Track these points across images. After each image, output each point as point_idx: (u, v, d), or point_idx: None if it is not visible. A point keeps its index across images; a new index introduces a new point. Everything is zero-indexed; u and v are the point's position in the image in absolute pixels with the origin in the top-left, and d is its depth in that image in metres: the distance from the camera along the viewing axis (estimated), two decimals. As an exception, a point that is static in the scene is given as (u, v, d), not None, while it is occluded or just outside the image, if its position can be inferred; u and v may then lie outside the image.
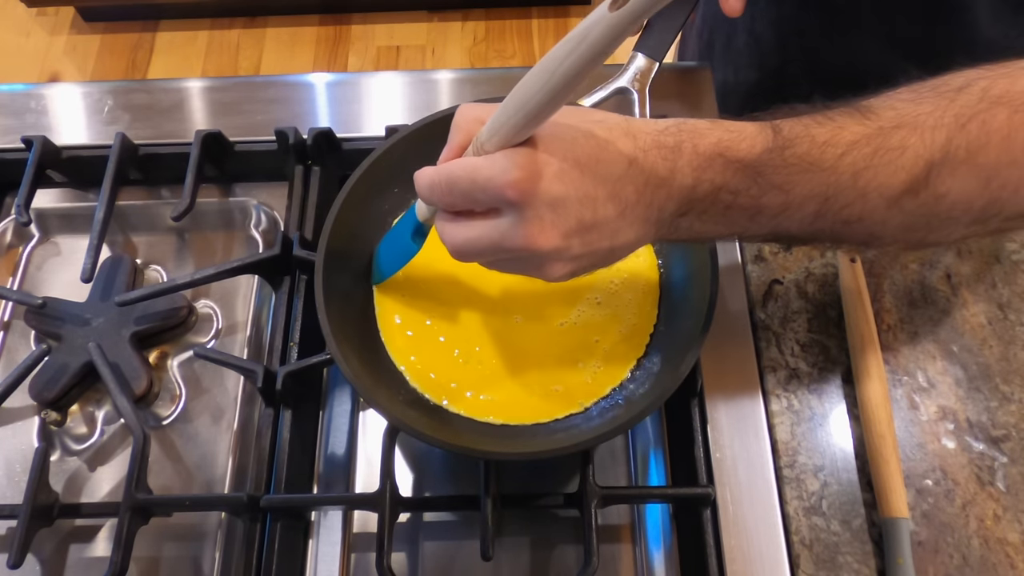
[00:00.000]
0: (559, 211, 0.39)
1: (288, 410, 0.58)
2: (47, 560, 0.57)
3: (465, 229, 0.42)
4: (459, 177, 0.40)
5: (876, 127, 0.41)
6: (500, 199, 0.39)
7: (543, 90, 0.36)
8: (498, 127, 0.39)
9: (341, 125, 0.69)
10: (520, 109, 0.37)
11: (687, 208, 0.42)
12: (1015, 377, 0.59)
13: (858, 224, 0.43)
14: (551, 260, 0.41)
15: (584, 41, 0.33)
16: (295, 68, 2.04)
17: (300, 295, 0.62)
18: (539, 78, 0.36)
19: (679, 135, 0.41)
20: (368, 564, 0.56)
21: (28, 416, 0.62)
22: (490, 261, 0.44)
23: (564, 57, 0.34)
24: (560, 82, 0.35)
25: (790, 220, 0.42)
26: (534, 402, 0.54)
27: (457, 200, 0.41)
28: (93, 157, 0.68)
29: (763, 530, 0.53)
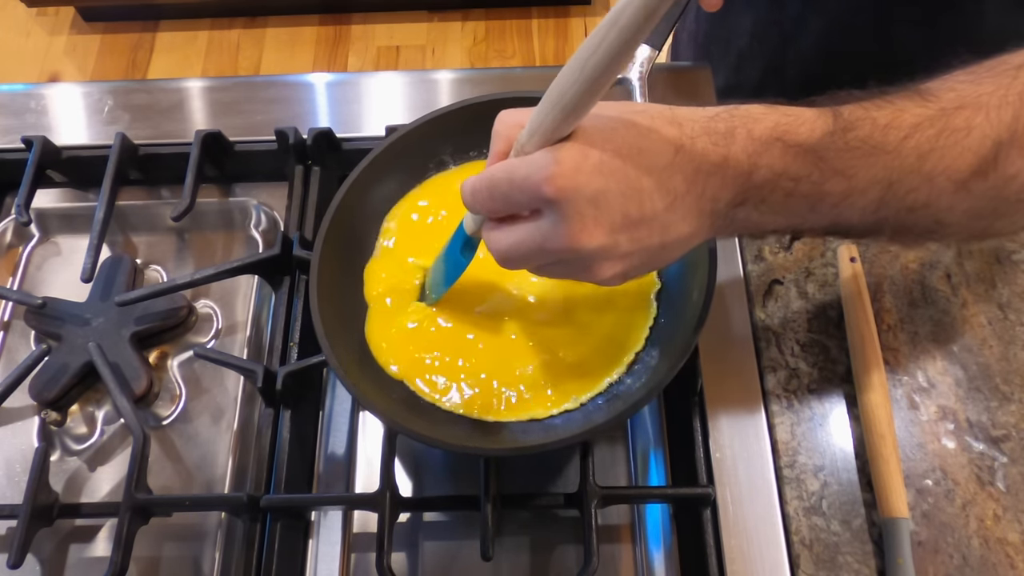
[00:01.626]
0: (601, 206, 0.37)
1: (288, 410, 0.58)
2: (47, 560, 0.57)
3: (508, 234, 0.40)
4: (498, 180, 0.39)
5: (938, 108, 0.39)
6: (539, 197, 0.37)
7: (577, 82, 0.34)
8: (536, 126, 0.37)
9: (341, 125, 0.69)
10: (555, 105, 0.36)
11: (744, 197, 0.39)
12: (1015, 377, 0.59)
13: (923, 211, 0.41)
14: (598, 260, 0.39)
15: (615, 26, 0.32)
16: (295, 68, 2.04)
17: (300, 295, 0.62)
18: (572, 71, 0.34)
19: (731, 120, 0.39)
20: (368, 564, 0.56)
21: (28, 416, 0.62)
22: (538, 266, 0.42)
23: (596, 46, 0.33)
24: (594, 72, 0.33)
25: (852, 208, 0.40)
26: (530, 398, 0.54)
27: (498, 204, 0.40)
28: (93, 157, 0.68)
29: (763, 530, 0.53)
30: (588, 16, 2.12)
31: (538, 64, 2.05)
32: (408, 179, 0.61)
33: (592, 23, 2.10)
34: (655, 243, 0.39)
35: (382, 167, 0.59)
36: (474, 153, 0.62)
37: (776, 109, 0.40)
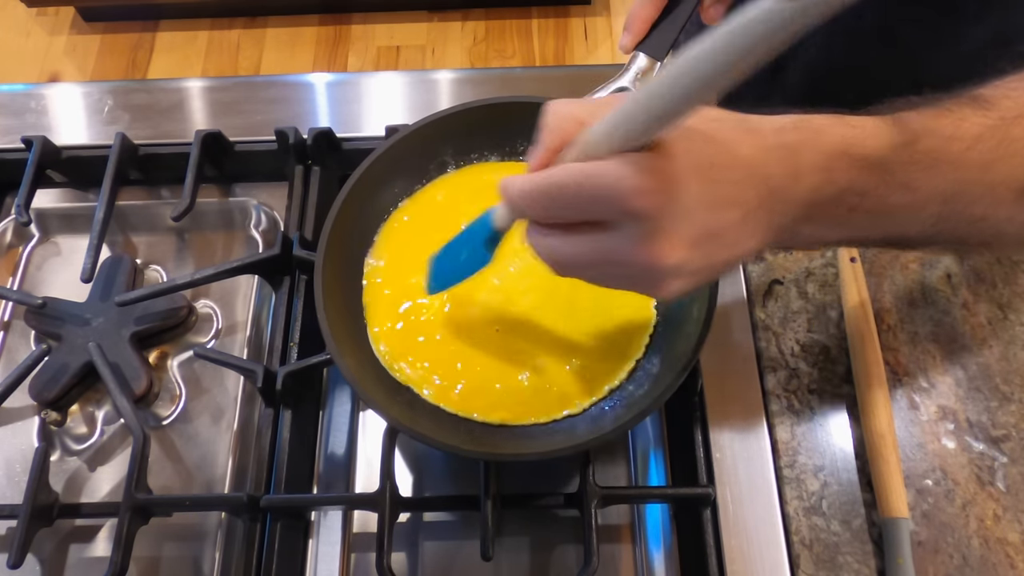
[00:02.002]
0: (686, 221, 0.35)
1: (288, 410, 0.58)
2: (47, 560, 0.57)
3: (570, 243, 0.37)
4: (566, 185, 0.36)
5: (997, 117, 0.39)
6: (622, 210, 0.35)
7: (681, 91, 0.31)
8: (613, 129, 0.34)
9: (341, 125, 0.69)
10: (648, 111, 0.33)
11: (810, 213, 0.38)
12: (1015, 377, 0.59)
13: (983, 223, 0.40)
14: (670, 276, 0.37)
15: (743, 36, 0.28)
16: (295, 68, 2.04)
17: (300, 295, 0.62)
18: (679, 77, 0.31)
19: (799, 133, 0.38)
20: (368, 564, 0.56)
21: (28, 416, 0.62)
22: (596, 276, 0.40)
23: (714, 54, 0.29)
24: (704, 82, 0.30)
25: (912, 221, 0.40)
26: (532, 403, 0.54)
27: (563, 211, 0.37)
28: (93, 157, 0.68)
29: (763, 530, 0.53)
30: (588, 16, 2.12)
31: (538, 64, 2.05)
32: (409, 180, 0.61)
33: (592, 23, 2.11)
34: (723, 258, 0.38)
35: (384, 168, 0.59)
36: (475, 155, 0.62)
37: (841, 120, 0.39)
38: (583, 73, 0.72)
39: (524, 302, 0.57)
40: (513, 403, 0.55)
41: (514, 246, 0.59)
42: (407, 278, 0.59)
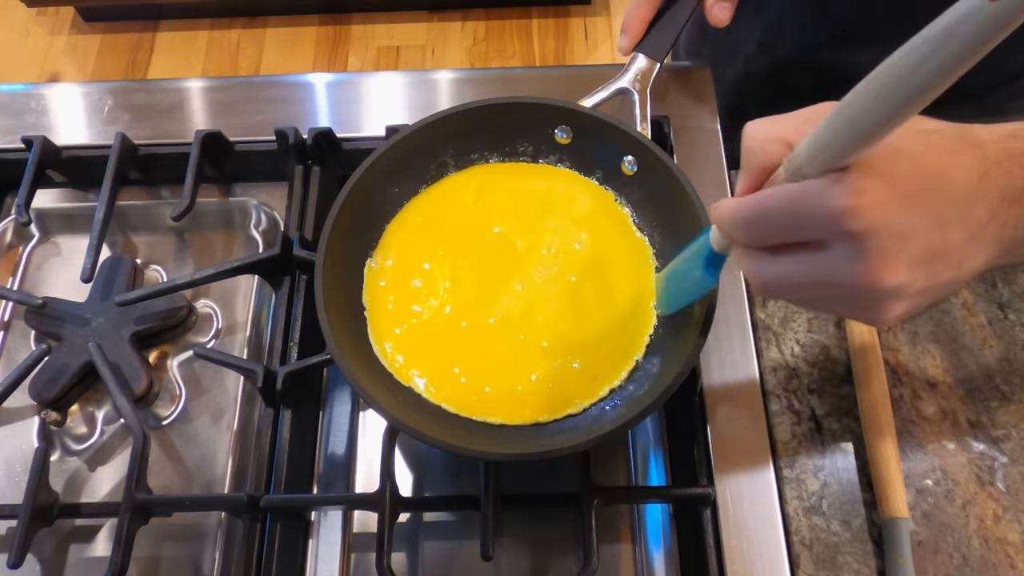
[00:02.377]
0: (907, 240, 0.33)
1: (288, 410, 0.58)
2: (47, 560, 0.57)
3: (780, 264, 0.36)
4: (777, 208, 0.35)
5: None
6: (835, 230, 0.33)
7: (888, 104, 0.29)
8: (821, 147, 0.33)
9: (341, 125, 0.69)
10: (854, 126, 0.31)
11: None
12: (1015, 377, 0.59)
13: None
14: (890, 299, 0.35)
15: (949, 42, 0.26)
16: (295, 68, 2.04)
17: (300, 295, 0.62)
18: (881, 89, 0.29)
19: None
20: (368, 564, 0.56)
21: (28, 416, 0.62)
22: (805, 298, 0.39)
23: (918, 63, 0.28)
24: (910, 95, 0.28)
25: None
26: (533, 403, 0.54)
27: (775, 234, 0.36)
28: (93, 157, 0.68)
29: (763, 530, 0.53)
30: (588, 16, 2.12)
31: (538, 64, 2.05)
32: (410, 181, 0.61)
33: (592, 23, 2.11)
34: (949, 278, 0.36)
35: (385, 168, 0.59)
36: (475, 156, 0.62)
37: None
38: (583, 73, 0.72)
39: (525, 303, 0.57)
40: (514, 403, 0.55)
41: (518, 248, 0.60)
42: (409, 279, 0.59)
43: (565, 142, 0.62)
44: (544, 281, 0.58)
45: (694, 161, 0.67)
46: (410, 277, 0.59)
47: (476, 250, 0.59)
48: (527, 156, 0.63)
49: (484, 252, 0.59)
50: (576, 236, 0.60)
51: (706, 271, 0.45)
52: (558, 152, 0.63)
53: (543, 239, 0.60)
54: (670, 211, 0.57)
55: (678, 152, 0.68)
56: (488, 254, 0.59)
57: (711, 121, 0.70)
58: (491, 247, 0.60)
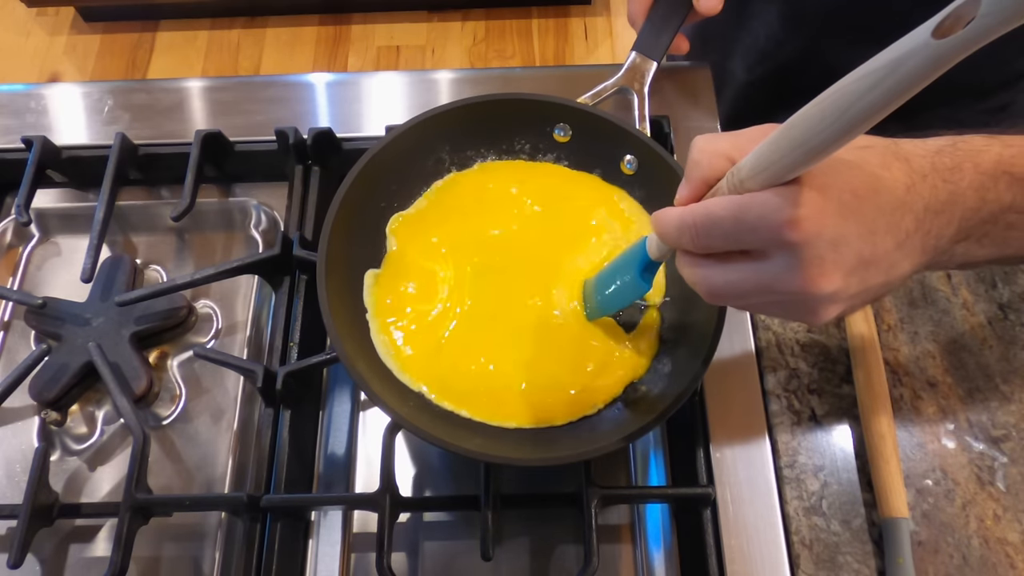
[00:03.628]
0: (841, 249, 0.36)
1: (288, 410, 0.58)
2: (47, 560, 0.57)
3: (725, 272, 0.39)
4: (721, 217, 0.37)
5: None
6: (776, 240, 0.36)
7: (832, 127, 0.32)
8: (765, 164, 0.35)
9: (341, 125, 0.69)
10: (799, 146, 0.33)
11: (967, 233, 0.39)
12: (1015, 377, 0.59)
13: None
14: (827, 303, 0.38)
15: (894, 73, 0.28)
16: (295, 68, 2.04)
17: (300, 295, 0.62)
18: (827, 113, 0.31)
19: (956, 155, 0.38)
20: (368, 564, 0.56)
21: (28, 416, 0.62)
22: (749, 304, 0.41)
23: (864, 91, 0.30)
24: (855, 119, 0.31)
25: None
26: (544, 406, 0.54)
27: (718, 242, 0.38)
28: (93, 157, 0.68)
29: (763, 530, 0.53)
30: (588, 16, 2.12)
31: (538, 64, 2.05)
32: (407, 179, 0.61)
33: (592, 23, 2.11)
34: (879, 283, 0.38)
35: (381, 165, 0.59)
36: (471, 153, 0.62)
37: (997, 139, 0.39)
38: (583, 73, 0.72)
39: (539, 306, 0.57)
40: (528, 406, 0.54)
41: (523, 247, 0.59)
42: (410, 279, 0.58)
43: (564, 140, 0.62)
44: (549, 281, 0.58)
45: (694, 161, 0.67)
46: (412, 278, 0.58)
47: (479, 250, 0.59)
48: (525, 154, 0.63)
49: (487, 252, 0.59)
50: (583, 235, 0.60)
51: (640, 278, 0.48)
52: (557, 150, 0.63)
53: (549, 238, 0.59)
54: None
55: (678, 152, 0.68)
56: (492, 254, 0.59)
57: (711, 121, 0.70)
58: (494, 247, 0.59)
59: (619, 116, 0.60)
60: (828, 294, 0.37)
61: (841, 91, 0.31)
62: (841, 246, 0.36)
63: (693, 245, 0.39)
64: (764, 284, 0.38)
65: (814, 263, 0.36)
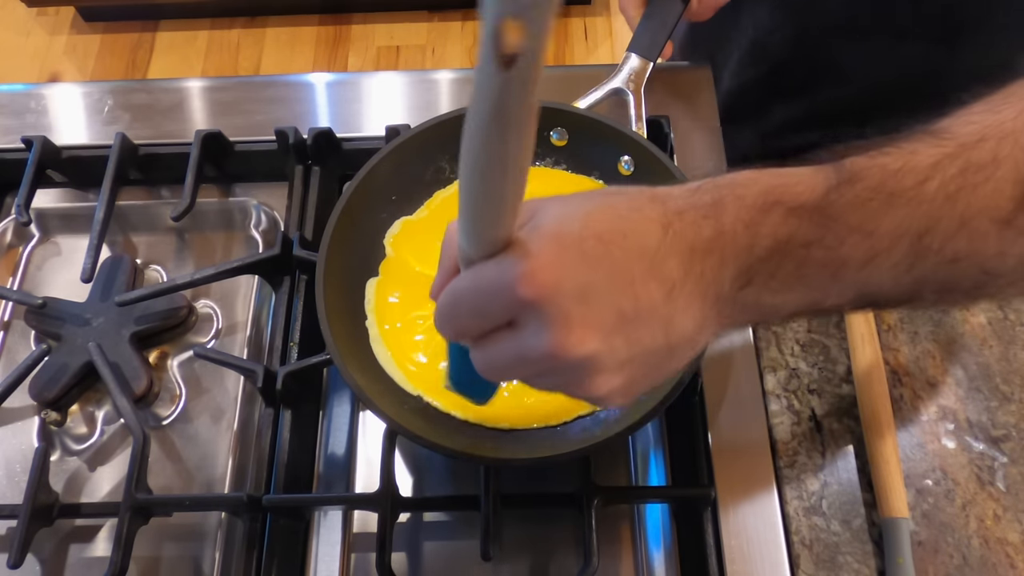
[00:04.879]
0: (591, 302, 0.32)
1: (288, 410, 0.58)
2: (47, 560, 0.57)
3: (489, 349, 0.35)
4: (460, 293, 0.34)
5: (956, 145, 0.35)
6: (514, 302, 0.32)
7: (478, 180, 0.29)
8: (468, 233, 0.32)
9: (341, 125, 0.69)
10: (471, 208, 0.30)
11: (750, 274, 0.34)
12: (1015, 377, 0.59)
13: (967, 261, 0.35)
14: (593, 371, 0.33)
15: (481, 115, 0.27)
16: (295, 68, 2.04)
17: (300, 295, 0.62)
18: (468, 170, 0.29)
19: (717, 190, 0.34)
20: (368, 564, 0.56)
21: (28, 416, 0.62)
22: (527, 378, 0.36)
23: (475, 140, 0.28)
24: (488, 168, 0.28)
25: (880, 270, 0.35)
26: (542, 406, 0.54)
27: (468, 323, 0.34)
28: (93, 157, 0.68)
29: (763, 530, 0.53)
30: (588, 16, 2.12)
31: (538, 64, 2.05)
32: (408, 186, 0.61)
33: (592, 23, 2.11)
34: (659, 343, 0.34)
35: (385, 172, 0.59)
36: None
37: (765, 172, 0.35)
38: (583, 73, 0.72)
39: None
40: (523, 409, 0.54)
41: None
42: (411, 285, 0.58)
43: (561, 144, 0.62)
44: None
45: (695, 160, 0.67)
46: (410, 285, 0.58)
47: None
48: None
49: None
50: None
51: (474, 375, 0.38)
52: (555, 154, 0.63)
53: None
54: None
55: (678, 152, 0.68)
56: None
57: (711, 120, 0.70)
58: None
59: (615, 117, 0.60)
60: (585, 357, 0.32)
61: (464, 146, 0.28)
62: (591, 299, 0.32)
63: (453, 332, 0.36)
64: (519, 355, 0.33)
65: (559, 321, 0.31)
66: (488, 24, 0.23)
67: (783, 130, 0.80)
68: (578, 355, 0.32)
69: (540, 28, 0.23)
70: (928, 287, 0.36)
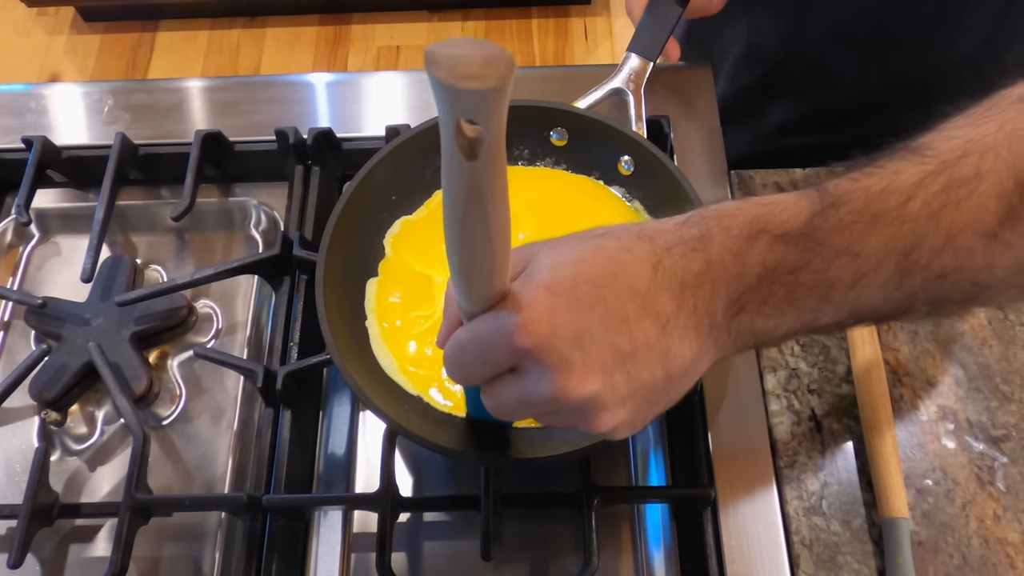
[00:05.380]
0: (587, 346, 0.33)
1: (288, 410, 0.58)
2: (47, 560, 0.57)
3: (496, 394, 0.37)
4: (464, 343, 0.36)
5: (938, 162, 0.35)
6: (513, 352, 0.34)
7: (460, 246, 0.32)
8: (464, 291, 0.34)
9: (341, 125, 0.69)
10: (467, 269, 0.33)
11: (741, 302, 0.36)
12: (1015, 377, 0.59)
13: (956, 275, 0.36)
14: (596, 409, 0.35)
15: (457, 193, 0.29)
16: (295, 68, 2.04)
17: (300, 295, 0.62)
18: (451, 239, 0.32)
19: (703, 223, 0.36)
20: (368, 564, 0.56)
21: (28, 416, 0.62)
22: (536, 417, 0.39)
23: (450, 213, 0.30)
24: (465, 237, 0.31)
25: (870, 290, 0.36)
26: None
27: (473, 371, 0.36)
28: (93, 157, 0.68)
29: (763, 530, 0.53)
30: (588, 16, 2.12)
31: (538, 64, 2.05)
32: (409, 185, 0.61)
33: (592, 23, 2.11)
34: (658, 376, 0.35)
35: (385, 172, 0.59)
36: None
37: (750, 201, 0.37)
38: (583, 73, 0.72)
39: None
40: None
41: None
42: (411, 285, 0.58)
43: (561, 144, 0.62)
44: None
45: (695, 161, 0.67)
46: (409, 285, 0.58)
47: None
48: (523, 159, 0.63)
49: None
50: None
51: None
52: (555, 154, 0.63)
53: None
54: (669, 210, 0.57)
55: (678, 152, 0.68)
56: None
57: (711, 120, 0.70)
58: None
59: (615, 117, 0.60)
60: (588, 397, 0.34)
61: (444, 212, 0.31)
62: (587, 342, 0.33)
63: (458, 378, 0.38)
64: (524, 399, 0.35)
65: (559, 366, 0.33)
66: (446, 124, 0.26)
67: (779, 132, 0.80)
68: (580, 396, 0.34)
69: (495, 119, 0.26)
70: (919, 301, 0.37)
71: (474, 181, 0.28)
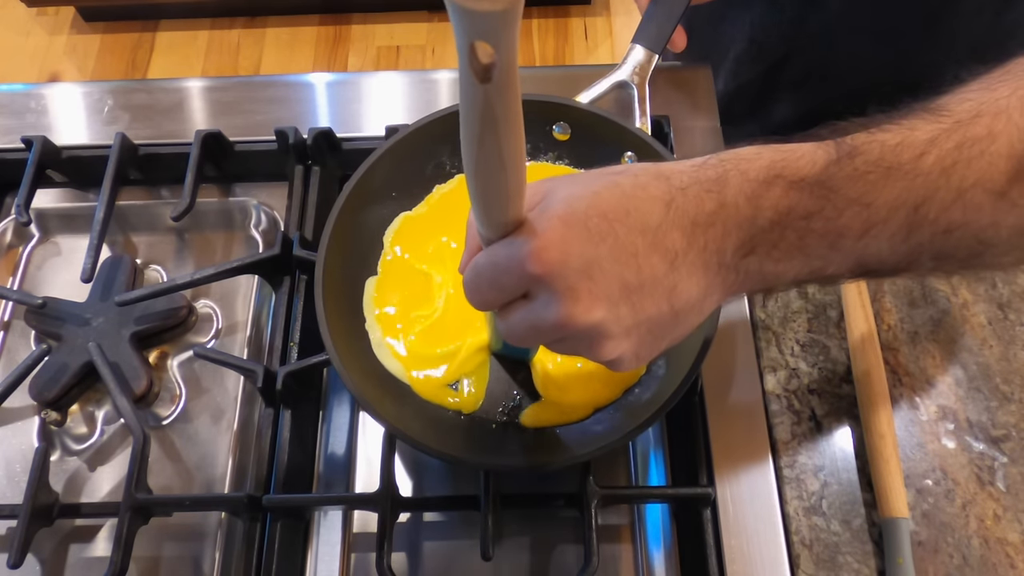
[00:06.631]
0: (595, 276, 0.34)
1: (288, 410, 0.58)
2: (47, 560, 0.57)
3: (508, 319, 0.38)
4: (479, 269, 0.37)
5: (953, 121, 0.36)
6: (525, 277, 0.35)
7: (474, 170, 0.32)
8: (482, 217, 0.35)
9: (341, 125, 0.69)
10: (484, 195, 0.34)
11: (752, 245, 0.36)
12: (1015, 377, 0.59)
13: (962, 231, 0.37)
14: (602, 337, 0.36)
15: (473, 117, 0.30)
16: (295, 68, 2.04)
17: (300, 295, 0.62)
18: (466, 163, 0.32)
19: (721, 165, 0.36)
20: (368, 564, 0.56)
21: (28, 416, 0.62)
22: (544, 343, 0.40)
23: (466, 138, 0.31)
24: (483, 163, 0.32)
25: (878, 240, 0.37)
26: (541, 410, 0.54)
27: (489, 295, 0.38)
28: (93, 157, 0.68)
29: (763, 530, 0.53)
30: (588, 16, 2.12)
31: (538, 64, 2.05)
32: (408, 182, 0.61)
33: (592, 23, 2.11)
34: (664, 310, 0.36)
35: (385, 169, 0.59)
36: None
37: (769, 148, 0.37)
38: (583, 73, 0.71)
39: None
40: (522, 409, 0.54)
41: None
42: (411, 283, 0.58)
43: (563, 138, 0.62)
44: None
45: (694, 161, 0.67)
46: (410, 283, 0.58)
47: None
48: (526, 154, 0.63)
49: None
50: None
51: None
52: (557, 149, 0.63)
53: None
54: None
55: (679, 152, 0.68)
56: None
57: (712, 120, 0.70)
58: None
59: (619, 112, 0.60)
60: (592, 325, 0.35)
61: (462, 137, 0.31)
62: (595, 272, 0.34)
63: (478, 303, 0.39)
64: (533, 324, 0.36)
65: (567, 294, 0.34)
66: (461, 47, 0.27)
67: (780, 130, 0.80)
68: (586, 323, 0.35)
69: (506, 42, 0.26)
70: (925, 256, 0.38)
71: (487, 105, 0.29)
